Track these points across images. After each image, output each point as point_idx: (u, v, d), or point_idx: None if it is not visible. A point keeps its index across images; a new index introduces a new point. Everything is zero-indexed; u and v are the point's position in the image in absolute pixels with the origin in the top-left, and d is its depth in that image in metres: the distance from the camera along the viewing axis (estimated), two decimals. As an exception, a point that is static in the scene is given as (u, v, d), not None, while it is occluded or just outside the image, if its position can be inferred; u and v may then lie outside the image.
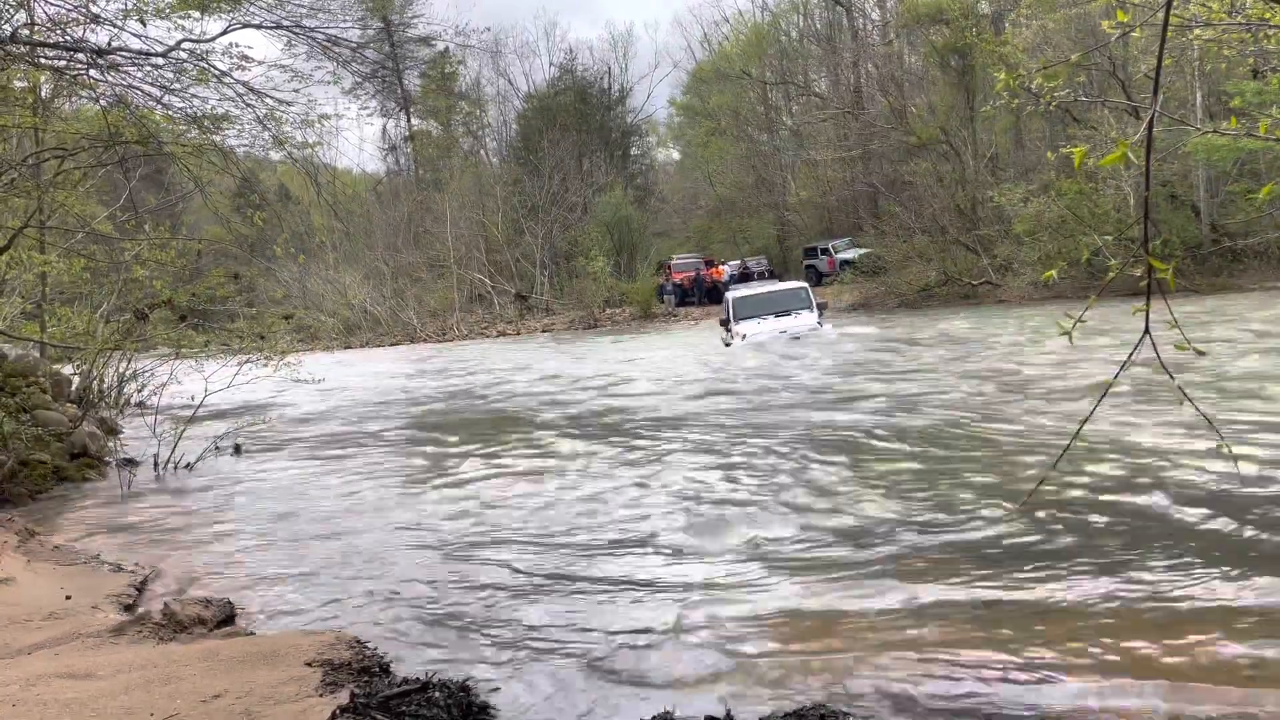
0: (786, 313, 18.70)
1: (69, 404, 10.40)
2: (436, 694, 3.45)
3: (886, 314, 27.63)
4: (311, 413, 13.47)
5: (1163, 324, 2.37)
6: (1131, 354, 2.20)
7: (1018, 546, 5.10)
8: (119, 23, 9.10)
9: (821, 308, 19.07)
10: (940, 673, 3.51)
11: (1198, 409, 2.50)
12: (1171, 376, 2.36)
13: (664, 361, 18.28)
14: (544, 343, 28.92)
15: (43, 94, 10.74)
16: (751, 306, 19.34)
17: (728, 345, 18.73)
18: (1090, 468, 6.61)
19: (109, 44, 9.09)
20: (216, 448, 9.98)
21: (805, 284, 19.69)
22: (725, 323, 19.70)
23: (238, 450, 10.16)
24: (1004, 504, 5.95)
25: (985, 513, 5.80)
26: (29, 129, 10.52)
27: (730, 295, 20.38)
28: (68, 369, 11.54)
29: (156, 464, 9.34)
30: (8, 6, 8.88)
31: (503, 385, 16.29)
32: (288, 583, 5.18)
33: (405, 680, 3.55)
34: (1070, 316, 2.31)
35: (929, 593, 4.49)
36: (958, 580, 4.64)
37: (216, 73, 9.54)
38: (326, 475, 8.73)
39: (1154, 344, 2.16)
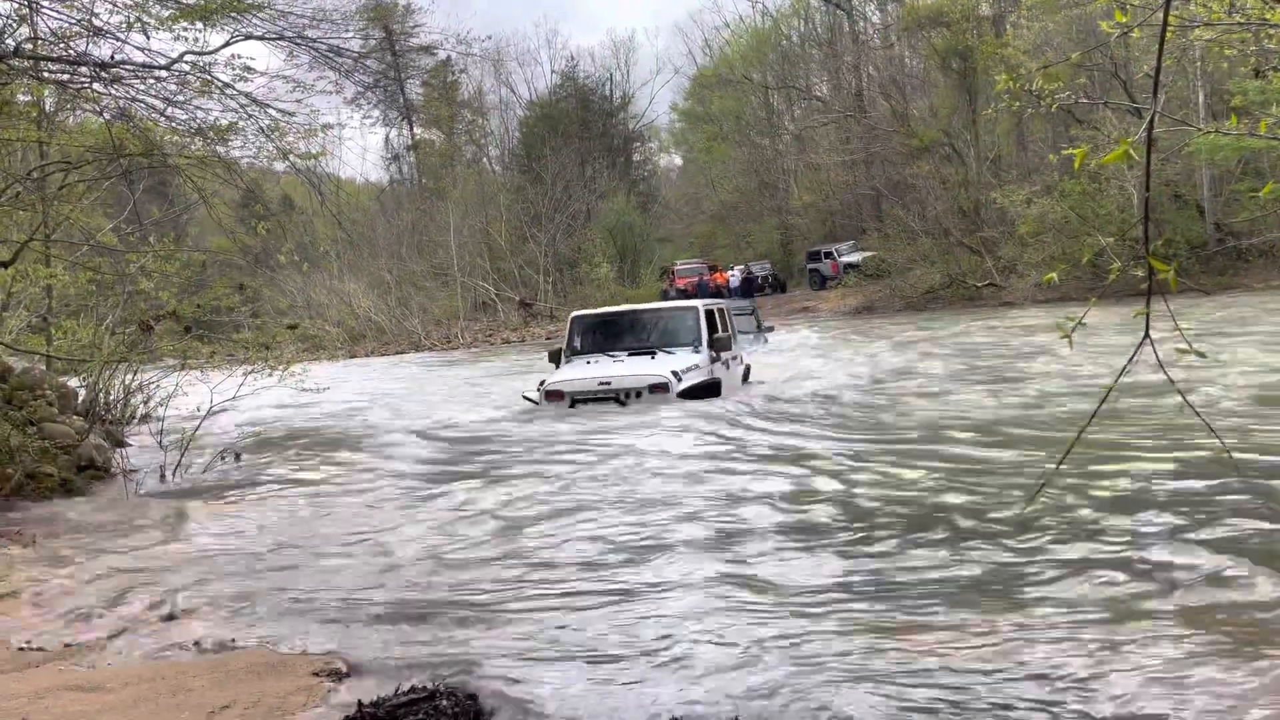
0: (648, 352, 11.97)
1: (75, 417, 10.41)
2: (444, 703, 3.45)
3: (883, 319, 27.63)
4: (314, 423, 13.49)
5: (1166, 325, 2.37)
6: (1132, 357, 2.20)
7: (1018, 547, 5.09)
8: (122, 36, 9.13)
9: (717, 345, 12.12)
10: (952, 680, 3.51)
11: (1198, 414, 2.49)
12: (1172, 381, 2.36)
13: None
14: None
15: (46, 108, 10.78)
16: (598, 335, 12.74)
17: (532, 401, 12.16)
18: (1091, 470, 6.60)
19: (112, 57, 9.12)
20: (221, 458, 10.00)
21: (699, 304, 12.85)
22: (557, 357, 12.74)
23: (237, 457, 10.15)
24: (1006, 506, 5.94)
25: (987, 515, 5.80)
26: (33, 143, 10.57)
27: (574, 315, 13.52)
28: (74, 382, 11.57)
29: (163, 475, 9.36)
30: (10, 21, 8.93)
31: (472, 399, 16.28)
32: (294, 592, 5.18)
33: (413, 689, 3.55)
34: (1071, 319, 2.31)
35: (932, 596, 4.48)
36: (960, 583, 4.63)
37: (219, 84, 9.58)
38: (328, 486, 8.74)
39: (1155, 348, 2.16)
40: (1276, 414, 8.51)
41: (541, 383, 12.00)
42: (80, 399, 11.07)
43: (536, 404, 11.93)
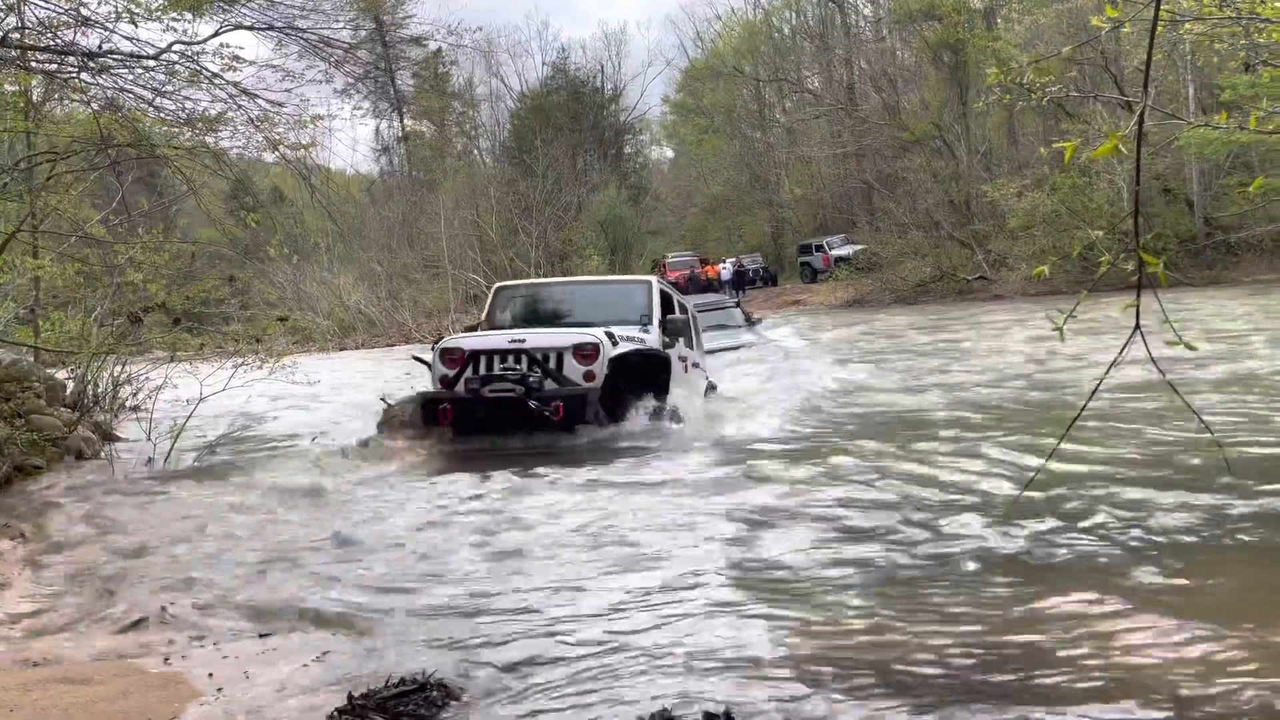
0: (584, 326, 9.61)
1: (64, 408, 10.37)
2: (434, 694, 3.45)
3: (874, 312, 27.67)
4: (304, 416, 13.45)
5: (1159, 319, 2.38)
6: (1122, 351, 2.21)
7: (1013, 543, 5.11)
8: (110, 25, 9.10)
9: (671, 328, 9.83)
10: (952, 675, 3.52)
11: (1191, 408, 2.51)
12: (1163, 374, 2.37)
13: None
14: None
15: (34, 98, 10.71)
16: (524, 310, 10.53)
17: (424, 363, 9.85)
18: (1084, 465, 6.63)
19: (100, 47, 9.08)
20: (211, 450, 9.96)
21: (653, 279, 10.72)
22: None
23: (211, 450, 10.07)
24: (996, 501, 5.97)
25: (980, 511, 5.82)
26: (20, 133, 10.51)
27: (497, 285, 11.43)
28: (62, 374, 11.51)
29: (151, 465, 9.32)
30: (-2, 11, 8.88)
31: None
32: (281, 585, 5.17)
33: (403, 680, 3.55)
34: (1061, 312, 2.32)
35: (930, 591, 4.50)
36: (958, 579, 4.65)
37: (208, 74, 9.55)
38: (319, 477, 8.71)
39: (1145, 341, 2.17)
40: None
41: (437, 339, 9.66)
42: (69, 391, 11.02)
43: (430, 366, 9.58)
